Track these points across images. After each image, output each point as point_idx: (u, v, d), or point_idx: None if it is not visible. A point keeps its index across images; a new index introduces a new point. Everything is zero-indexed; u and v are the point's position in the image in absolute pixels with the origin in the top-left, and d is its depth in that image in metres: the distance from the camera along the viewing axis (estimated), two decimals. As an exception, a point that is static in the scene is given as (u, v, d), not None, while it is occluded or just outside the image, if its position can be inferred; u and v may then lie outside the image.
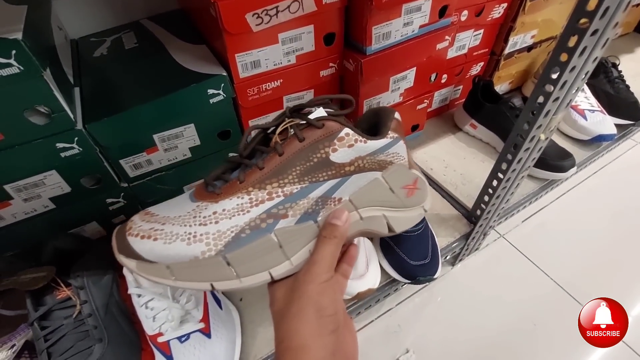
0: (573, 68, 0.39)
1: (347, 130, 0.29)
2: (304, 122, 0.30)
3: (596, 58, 0.40)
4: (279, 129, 0.30)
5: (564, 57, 0.39)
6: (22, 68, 0.37)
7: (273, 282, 0.28)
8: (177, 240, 0.26)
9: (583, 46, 0.37)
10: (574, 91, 0.42)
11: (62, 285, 0.44)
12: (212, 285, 0.26)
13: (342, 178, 0.30)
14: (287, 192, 0.28)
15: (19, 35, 0.36)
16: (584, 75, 0.41)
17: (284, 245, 0.27)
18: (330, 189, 0.29)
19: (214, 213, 0.27)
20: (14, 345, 0.45)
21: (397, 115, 0.34)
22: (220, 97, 0.51)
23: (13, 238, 0.50)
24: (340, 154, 0.29)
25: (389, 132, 0.32)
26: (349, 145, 0.29)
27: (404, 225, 0.34)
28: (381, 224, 0.33)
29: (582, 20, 0.36)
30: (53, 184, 0.48)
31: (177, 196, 0.32)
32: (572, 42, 0.37)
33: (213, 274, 0.26)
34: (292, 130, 0.30)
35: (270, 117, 0.59)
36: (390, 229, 0.34)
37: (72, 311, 0.43)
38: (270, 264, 0.27)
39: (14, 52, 0.36)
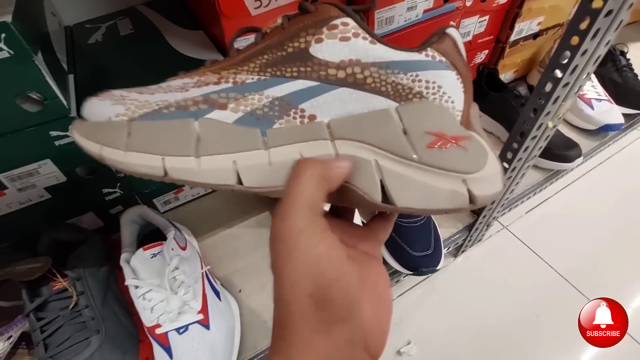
0: (585, 52, 0.37)
1: (345, 19, 0.20)
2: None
3: (609, 42, 0.38)
4: (271, 24, 0.23)
5: (575, 40, 0.37)
6: (12, 52, 0.36)
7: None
8: (107, 100, 0.21)
9: (596, 28, 0.35)
10: (585, 76, 0.41)
11: (58, 276, 0.43)
12: (101, 149, 0.20)
13: (322, 84, 0.20)
14: (238, 80, 0.21)
15: (8, 18, 0.35)
16: (595, 60, 0.39)
17: (202, 140, 0.20)
18: (297, 92, 0.20)
19: (160, 87, 0.23)
20: (10, 336, 0.45)
21: (452, 32, 0.21)
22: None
23: (8, 228, 0.50)
24: (325, 48, 0.20)
25: (429, 49, 0.20)
26: (341, 38, 0.20)
27: (411, 195, 0.19)
28: (369, 178, 0.20)
29: (596, 1, 0.34)
30: (48, 173, 0.47)
31: None
32: (584, 24, 0.36)
33: (108, 139, 0.20)
34: (280, 20, 0.23)
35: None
36: (384, 194, 0.20)
37: (69, 302, 0.42)
38: (168, 151, 0.20)
39: (3, 35, 0.35)
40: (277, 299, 0.16)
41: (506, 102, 0.72)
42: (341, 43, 0.20)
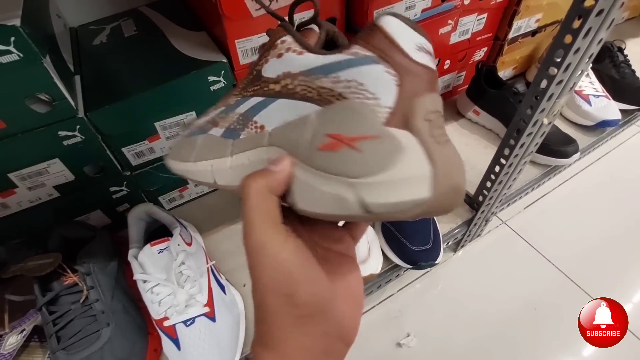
0: (577, 50, 0.38)
1: (285, 37, 0.22)
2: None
3: (601, 40, 0.39)
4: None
5: (568, 39, 0.38)
6: (21, 55, 0.37)
7: None
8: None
9: (588, 27, 0.36)
10: (578, 74, 0.42)
11: (68, 271, 0.44)
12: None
13: (267, 98, 0.23)
14: (230, 102, 0.25)
15: (17, 22, 0.36)
16: (588, 58, 0.40)
17: (199, 150, 0.25)
18: (252, 107, 0.23)
19: (207, 112, 0.28)
20: (23, 329, 0.46)
21: (385, 22, 0.19)
22: (221, 84, 0.51)
23: (19, 226, 0.51)
24: (269, 66, 0.23)
25: (354, 46, 0.20)
26: (277, 55, 0.22)
27: (308, 200, 0.19)
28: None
29: (587, 1, 0.35)
30: (57, 172, 0.48)
31: None
32: (576, 23, 0.37)
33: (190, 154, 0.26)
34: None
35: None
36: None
37: (79, 296, 0.44)
38: (184, 158, 0.26)
39: (12, 38, 0.36)
40: (255, 300, 0.19)
41: (505, 99, 0.73)
42: (277, 60, 0.22)
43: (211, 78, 0.50)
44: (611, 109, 0.78)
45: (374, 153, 0.17)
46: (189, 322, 0.43)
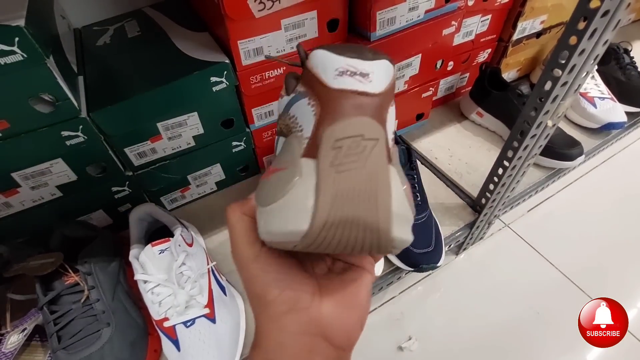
0: (582, 51, 0.38)
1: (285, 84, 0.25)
2: None
3: (607, 41, 0.39)
4: None
5: (573, 40, 0.38)
6: (25, 55, 0.37)
7: None
8: None
9: (593, 28, 0.36)
10: (583, 75, 0.41)
11: (70, 271, 0.45)
12: None
13: (277, 138, 0.25)
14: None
15: (21, 22, 0.36)
16: (593, 59, 0.40)
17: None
18: (276, 148, 0.26)
19: None
20: (25, 329, 0.46)
21: (310, 55, 0.21)
22: (223, 85, 0.51)
23: (22, 225, 0.51)
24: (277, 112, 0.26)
25: (298, 84, 0.22)
26: (279, 101, 0.25)
27: (267, 224, 0.19)
28: None
29: (593, 1, 0.35)
30: (59, 172, 0.48)
31: None
32: (581, 24, 0.36)
33: None
34: None
35: (274, 105, 0.59)
36: None
37: (81, 296, 0.44)
38: None
39: (17, 39, 0.36)
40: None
41: (509, 100, 0.72)
42: (279, 103, 0.25)
43: (213, 79, 0.50)
44: (617, 111, 0.77)
45: (276, 183, 0.18)
46: (189, 323, 0.43)
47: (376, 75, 0.19)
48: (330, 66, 0.19)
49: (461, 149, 0.76)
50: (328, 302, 0.21)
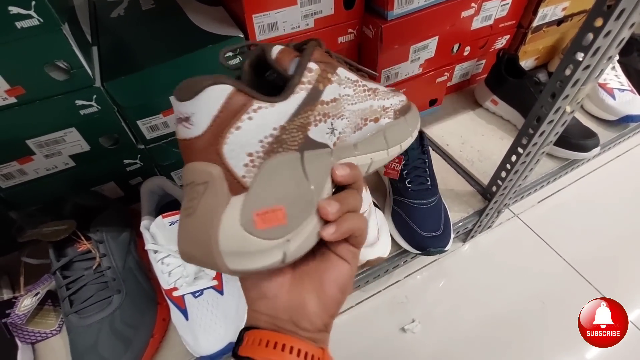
0: (608, 33, 0.37)
1: None
2: None
3: (634, 24, 0.37)
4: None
5: (598, 22, 0.37)
6: (41, 20, 0.37)
7: None
8: None
9: (621, 9, 0.35)
10: (607, 59, 0.40)
11: (82, 238, 0.45)
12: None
13: None
14: None
15: (38, -14, 0.36)
16: (618, 42, 0.38)
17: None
18: None
19: None
20: (38, 292, 0.47)
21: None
22: (237, 60, 0.50)
23: (35, 193, 0.52)
24: None
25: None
26: None
27: None
28: None
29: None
30: (73, 141, 0.49)
31: None
32: (608, 4, 0.35)
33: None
34: None
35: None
36: None
37: (92, 263, 0.45)
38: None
39: (33, 3, 0.36)
40: None
41: (525, 88, 0.71)
42: None
43: (227, 53, 0.49)
44: (636, 103, 0.75)
45: None
46: (197, 294, 0.44)
47: (197, 115, 0.19)
48: (174, 114, 0.21)
49: (473, 137, 0.75)
50: (295, 289, 0.24)
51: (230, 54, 0.49)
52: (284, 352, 0.21)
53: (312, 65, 0.23)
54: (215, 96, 0.19)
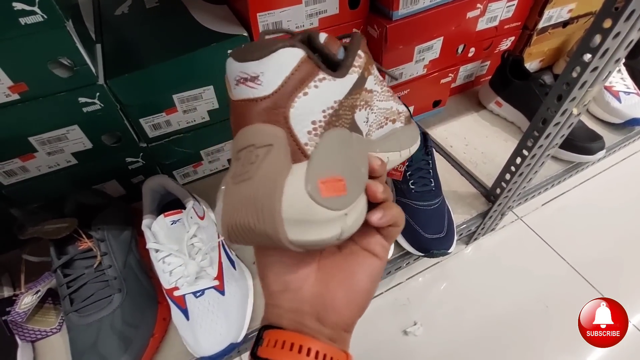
0: (617, 34, 0.36)
1: None
2: None
3: (643, 25, 0.37)
4: None
5: (607, 23, 0.36)
6: (45, 16, 0.37)
7: None
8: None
9: (631, 9, 0.34)
10: (615, 61, 0.40)
11: (83, 236, 0.45)
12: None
13: None
14: None
15: (42, -18, 0.36)
16: (627, 44, 0.38)
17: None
18: None
19: None
20: (38, 290, 0.47)
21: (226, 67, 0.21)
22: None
23: (37, 190, 0.52)
24: None
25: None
26: None
27: None
28: None
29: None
30: (75, 139, 0.49)
31: None
32: (618, 5, 0.34)
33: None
34: None
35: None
36: None
37: (93, 262, 0.45)
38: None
39: (37, -1, 0.36)
40: None
41: (530, 90, 0.70)
42: None
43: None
44: (642, 107, 0.75)
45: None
46: (198, 294, 0.44)
47: (266, 75, 0.19)
48: (232, 76, 0.20)
49: (477, 138, 0.75)
50: (322, 282, 0.23)
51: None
52: (309, 356, 0.20)
53: (361, 52, 0.23)
54: (289, 58, 0.19)
